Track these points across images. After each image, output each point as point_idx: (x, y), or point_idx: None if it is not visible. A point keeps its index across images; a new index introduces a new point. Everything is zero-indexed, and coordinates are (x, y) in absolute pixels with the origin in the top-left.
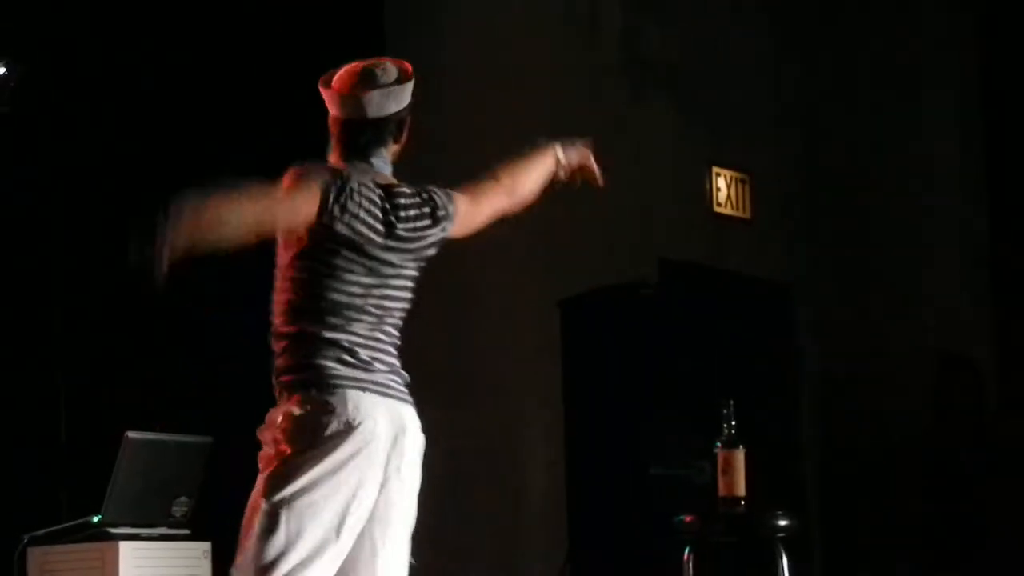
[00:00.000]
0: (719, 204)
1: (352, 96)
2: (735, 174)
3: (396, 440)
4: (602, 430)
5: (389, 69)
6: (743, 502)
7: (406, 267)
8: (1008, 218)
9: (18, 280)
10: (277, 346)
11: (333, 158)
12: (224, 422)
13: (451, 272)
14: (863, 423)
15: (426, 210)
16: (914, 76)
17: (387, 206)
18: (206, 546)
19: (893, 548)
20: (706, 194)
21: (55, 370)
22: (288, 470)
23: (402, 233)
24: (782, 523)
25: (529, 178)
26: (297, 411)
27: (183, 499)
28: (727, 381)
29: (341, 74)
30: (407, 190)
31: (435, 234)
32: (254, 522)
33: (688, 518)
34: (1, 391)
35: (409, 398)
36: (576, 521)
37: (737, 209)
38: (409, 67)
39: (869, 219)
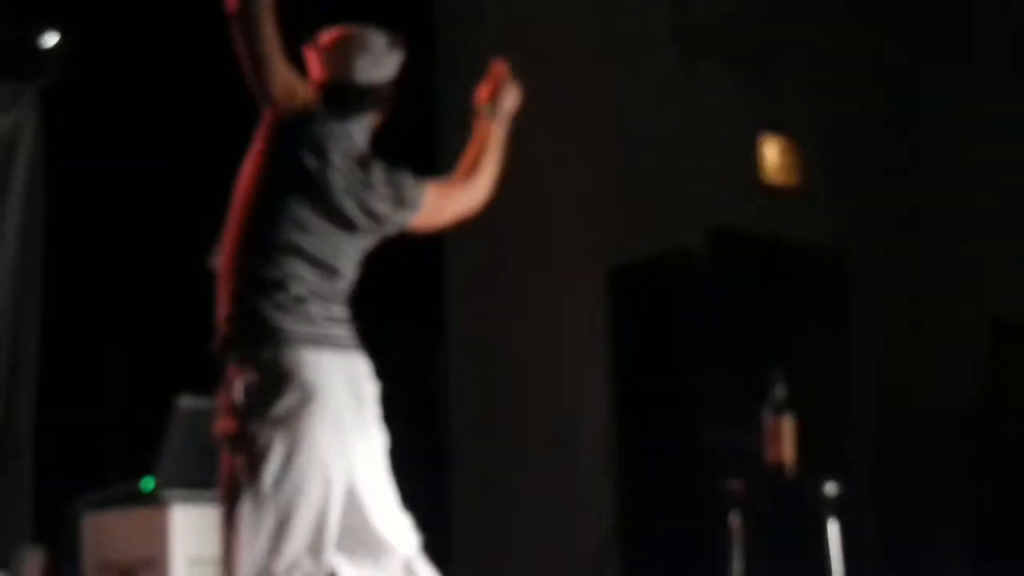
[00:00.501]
0: (769, 172)
1: (341, 57)
2: (785, 142)
3: (353, 390)
4: (652, 397)
5: (379, 36)
6: (791, 468)
7: (357, 240)
8: None
9: (72, 249)
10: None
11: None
12: None
13: (504, 242)
14: (917, 391)
15: (392, 192)
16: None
17: (361, 173)
18: None
19: (945, 518)
20: (756, 162)
21: (106, 339)
22: (257, 450)
23: (369, 205)
24: (831, 490)
25: (487, 160)
26: (247, 380)
27: None
28: (778, 349)
29: (331, 36)
30: (381, 166)
31: (394, 218)
32: (241, 513)
33: (736, 485)
34: (56, 359)
35: (356, 344)
36: (626, 486)
37: (787, 177)
38: (403, 39)
39: (924, 186)
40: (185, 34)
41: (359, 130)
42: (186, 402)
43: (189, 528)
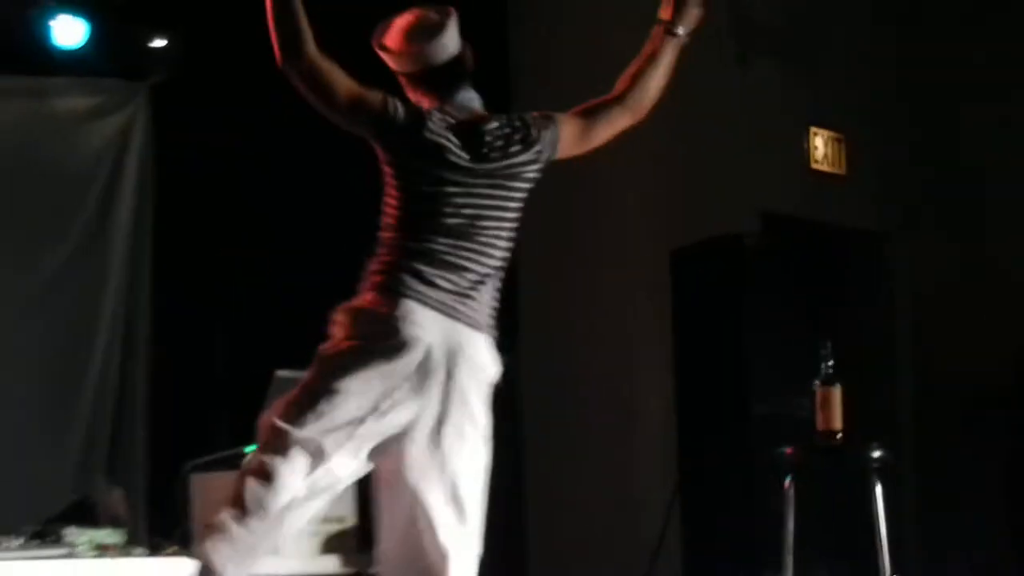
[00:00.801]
0: (816, 161)
1: (417, 50)
2: (832, 134)
3: (448, 360)
4: (709, 370)
5: (435, 16)
6: (839, 435)
7: (496, 193)
8: None
9: (180, 234)
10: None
11: (426, 103)
12: None
13: (576, 226)
14: (954, 364)
15: (516, 136)
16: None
17: (468, 135)
18: None
19: (979, 482)
20: (804, 152)
21: (212, 317)
22: (332, 354)
23: (488, 162)
24: (876, 455)
25: (652, 76)
26: (357, 305)
27: None
28: (825, 324)
29: (393, 34)
30: (495, 121)
31: (527, 159)
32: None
33: (789, 450)
34: (166, 337)
35: (479, 324)
36: (686, 454)
37: (833, 166)
38: (450, 8)
39: (958, 173)
40: None
41: (469, 97)
42: (283, 374)
43: None
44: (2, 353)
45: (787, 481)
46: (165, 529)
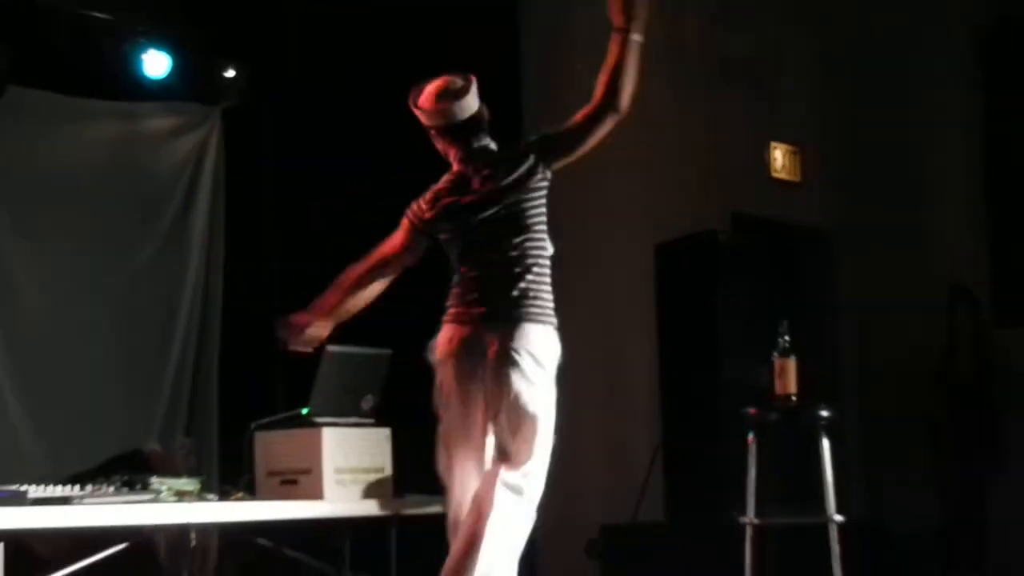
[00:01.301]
0: (776, 170)
1: (444, 108)
2: (789, 147)
3: (475, 358)
4: (687, 345)
5: (459, 82)
6: (794, 398)
7: (500, 213)
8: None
9: (247, 236)
10: None
11: (452, 153)
12: (400, 339)
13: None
14: (889, 339)
15: (513, 160)
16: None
17: (466, 180)
18: (387, 431)
19: (912, 436)
20: (766, 163)
21: (273, 305)
22: None
23: (486, 190)
24: (824, 414)
25: (622, 78)
26: None
27: (369, 397)
28: (783, 307)
29: (425, 96)
30: (496, 154)
31: (527, 174)
32: None
33: (752, 411)
34: (235, 322)
35: (490, 321)
36: (667, 415)
37: (790, 174)
38: (472, 75)
39: (892, 179)
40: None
41: (484, 141)
42: (333, 349)
43: (334, 445)
44: (101, 331)
45: (750, 436)
46: (233, 479)
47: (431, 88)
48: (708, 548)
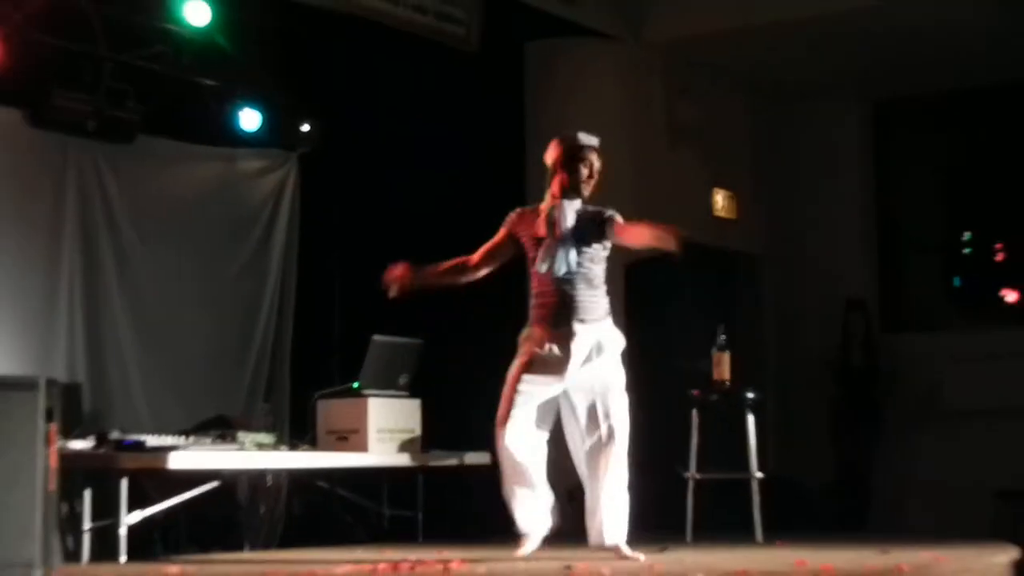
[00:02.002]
0: (717, 210)
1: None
2: (728, 192)
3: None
4: (651, 344)
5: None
6: (727, 383)
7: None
8: (887, 217)
9: (315, 259)
10: None
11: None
12: (433, 331)
13: None
14: (801, 338)
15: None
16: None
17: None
18: (418, 402)
19: (816, 414)
20: (710, 204)
21: (333, 309)
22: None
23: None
24: (750, 396)
25: (645, 237)
26: None
27: (405, 375)
28: (721, 313)
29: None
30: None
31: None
32: None
33: (696, 392)
34: (304, 320)
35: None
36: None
37: (729, 213)
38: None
39: (805, 218)
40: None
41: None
42: (378, 338)
43: (378, 411)
44: (203, 323)
45: (694, 412)
46: (300, 435)
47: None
48: (662, 496)
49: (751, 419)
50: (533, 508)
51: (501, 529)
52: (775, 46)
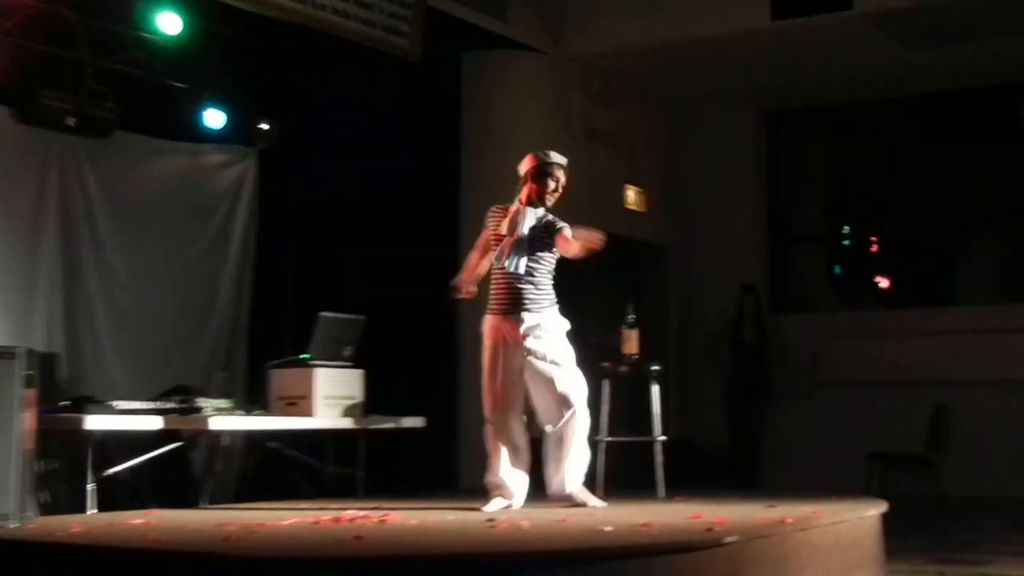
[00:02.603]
0: (629, 204)
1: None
2: (638, 188)
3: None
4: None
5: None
6: (635, 356)
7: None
8: (776, 212)
9: (272, 244)
10: None
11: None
12: (375, 309)
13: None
14: (701, 317)
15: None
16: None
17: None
18: (360, 372)
19: (713, 384)
20: (623, 198)
21: (287, 287)
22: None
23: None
24: (655, 368)
25: (576, 250)
26: None
27: (349, 347)
28: (632, 295)
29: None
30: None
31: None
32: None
33: (607, 364)
34: (260, 297)
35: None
36: None
37: (639, 207)
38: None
39: (706, 211)
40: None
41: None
42: (325, 315)
43: (324, 380)
44: (168, 301)
45: (605, 382)
46: (254, 400)
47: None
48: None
49: (655, 388)
50: (513, 472)
51: (433, 485)
52: (681, 60)
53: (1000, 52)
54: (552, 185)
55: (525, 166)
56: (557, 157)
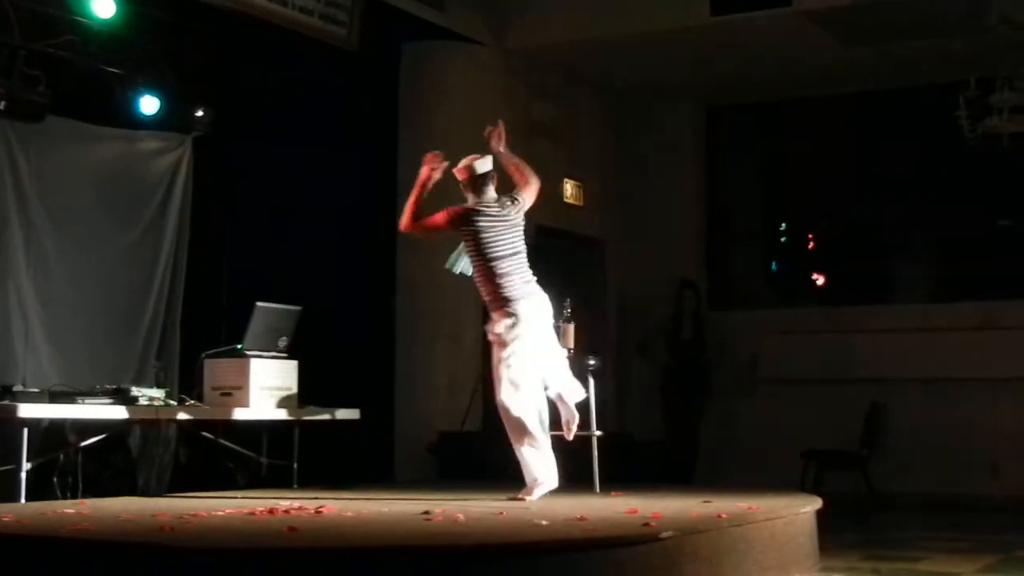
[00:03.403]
0: (568, 198)
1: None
2: (576, 182)
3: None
4: None
5: (479, 157)
6: (571, 351)
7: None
8: (715, 208)
9: (206, 230)
10: None
11: (471, 199)
12: (310, 299)
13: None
14: (639, 313)
15: (508, 204)
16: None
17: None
18: (295, 363)
19: (651, 379)
20: (561, 192)
21: (221, 276)
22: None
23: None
24: (592, 362)
25: (522, 173)
26: None
27: (284, 338)
28: (570, 291)
29: (460, 166)
30: (496, 200)
31: (514, 214)
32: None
33: None
34: (194, 285)
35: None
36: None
37: (577, 200)
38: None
39: (645, 206)
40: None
41: (489, 193)
42: (261, 305)
43: (259, 370)
44: (102, 288)
45: None
46: (188, 391)
47: (465, 162)
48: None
49: (592, 383)
50: (547, 463)
51: (367, 477)
52: (621, 55)
53: (939, 51)
54: (489, 186)
55: (460, 176)
56: (483, 166)
